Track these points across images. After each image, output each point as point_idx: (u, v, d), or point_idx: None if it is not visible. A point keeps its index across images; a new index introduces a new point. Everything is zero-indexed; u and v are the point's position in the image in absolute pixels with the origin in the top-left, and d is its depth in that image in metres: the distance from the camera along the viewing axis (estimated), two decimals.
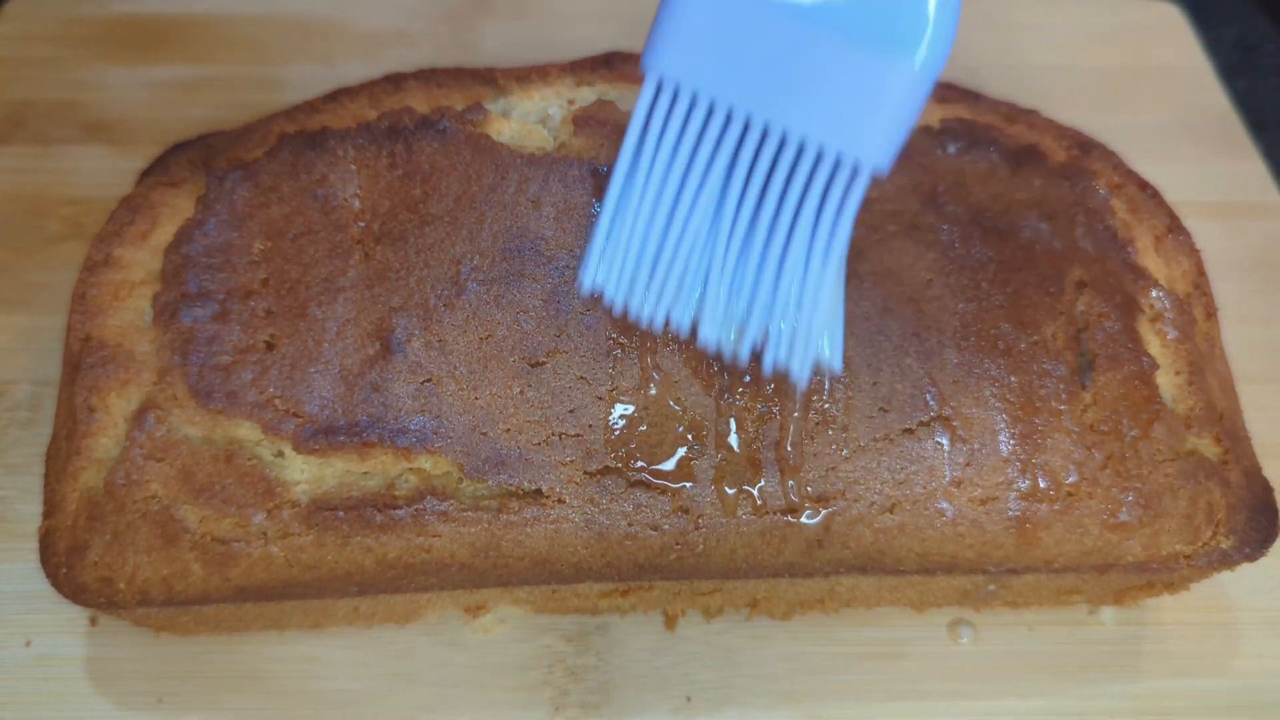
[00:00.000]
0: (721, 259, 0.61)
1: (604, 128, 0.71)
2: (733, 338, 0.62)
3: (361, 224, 0.69)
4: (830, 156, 0.58)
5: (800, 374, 0.61)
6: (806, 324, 0.60)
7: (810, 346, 0.61)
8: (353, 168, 0.70)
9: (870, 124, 0.57)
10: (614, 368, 0.66)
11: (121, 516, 0.64)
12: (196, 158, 0.75)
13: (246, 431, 0.65)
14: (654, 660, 0.75)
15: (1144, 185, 0.77)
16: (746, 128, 0.59)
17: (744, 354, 0.62)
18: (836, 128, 0.57)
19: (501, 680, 0.74)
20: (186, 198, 0.72)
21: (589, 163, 0.70)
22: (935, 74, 0.57)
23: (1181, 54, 1.15)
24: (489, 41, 1.12)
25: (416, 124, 0.70)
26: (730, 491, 0.65)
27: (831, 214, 0.58)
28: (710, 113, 0.59)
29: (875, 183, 0.70)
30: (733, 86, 0.58)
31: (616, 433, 0.65)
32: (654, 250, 0.62)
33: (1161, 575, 0.71)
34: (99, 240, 0.72)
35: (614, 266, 0.63)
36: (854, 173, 0.58)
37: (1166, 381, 0.70)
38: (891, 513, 0.66)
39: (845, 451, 0.66)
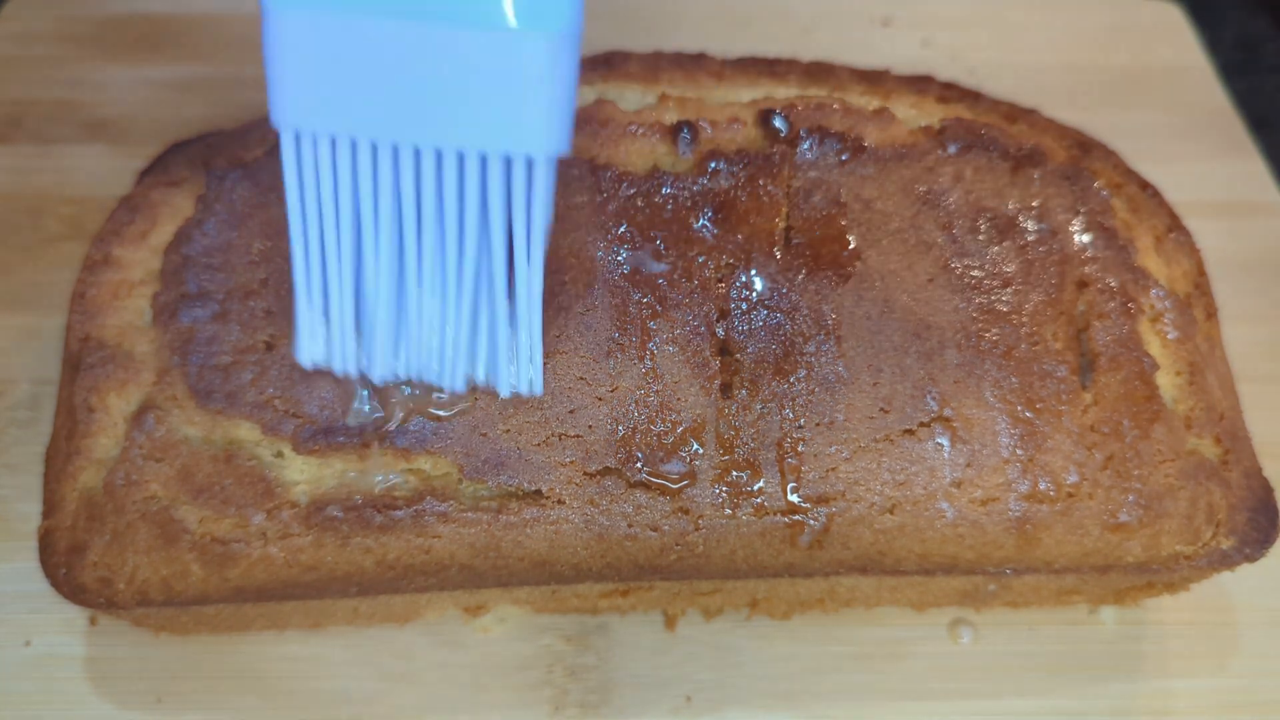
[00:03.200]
0: (426, 294, 0.58)
1: (605, 127, 0.71)
2: (451, 369, 0.60)
3: None
4: (498, 159, 0.54)
5: (506, 389, 0.60)
6: (520, 336, 0.59)
7: (520, 360, 0.59)
8: None
9: (524, 112, 0.52)
10: (614, 368, 0.66)
11: (121, 517, 0.64)
12: (196, 157, 0.75)
13: (246, 432, 0.65)
14: (654, 660, 0.75)
15: (1144, 185, 0.77)
16: (408, 155, 0.55)
17: (459, 383, 0.60)
18: (490, 129, 0.53)
19: (501, 680, 0.74)
20: (186, 197, 0.72)
21: (589, 162, 0.69)
22: (574, 32, 0.52)
23: (1181, 54, 1.15)
24: None
25: None
26: (730, 492, 0.65)
27: (522, 221, 0.55)
28: (361, 150, 0.55)
29: (875, 182, 0.71)
30: (368, 118, 0.54)
31: (616, 433, 0.65)
32: (357, 307, 0.59)
33: (1162, 576, 0.71)
34: (98, 240, 0.71)
35: (326, 336, 0.60)
36: (530, 167, 0.54)
37: (1167, 382, 0.70)
38: (892, 513, 0.66)
39: (845, 452, 0.66)
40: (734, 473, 0.65)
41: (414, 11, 0.51)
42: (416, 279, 0.58)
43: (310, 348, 0.61)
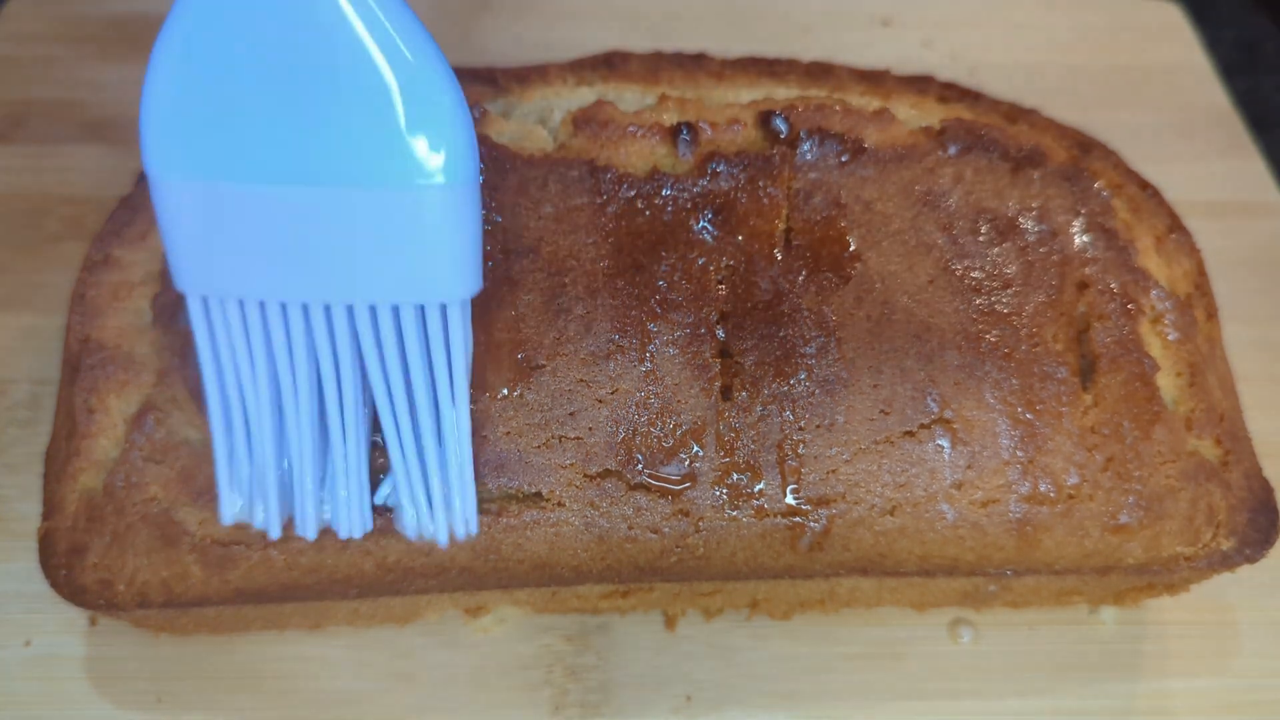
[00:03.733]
0: (350, 446, 0.58)
1: (605, 128, 0.71)
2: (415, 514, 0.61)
3: None
4: (411, 308, 0.54)
5: (445, 537, 0.61)
6: (452, 479, 0.60)
7: (459, 502, 0.60)
8: None
9: (433, 262, 0.52)
10: (614, 370, 0.66)
11: (121, 518, 0.64)
12: None
13: None
14: (654, 660, 0.75)
15: (1144, 185, 0.77)
16: (319, 312, 0.54)
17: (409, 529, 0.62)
18: (399, 282, 0.52)
19: (501, 680, 0.74)
20: None
21: (589, 163, 0.69)
22: (470, 178, 0.51)
23: (1181, 54, 1.15)
24: (489, 41, 1.12)
25: None
26: (730, 494, 0.65)
27: (443, 363, 0.56)
28: (271, 311, 0.54)
29: (876, 183, 0.70)
30: (273, 281, 0.52)
31: (616, 436, 0.65)
32: (280, 463, 0.58)
33: (1162, 577, 0.71)
34: (98, 240, 0.71)
35: (250, 491, 0.60)
36: (444, 311, 0.54)
37: (1167, 383, 0.70)
38: (892, 515, 0.66)
39: (846, 454, 0.66)
40: (734, 475, 0.65)
41: (307, 176, 0.50)
42: (340, 432, 0.58)
43: (231, 508, 0.61)
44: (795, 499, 0.65)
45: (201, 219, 0.52)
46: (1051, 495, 0.66)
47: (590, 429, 0.65)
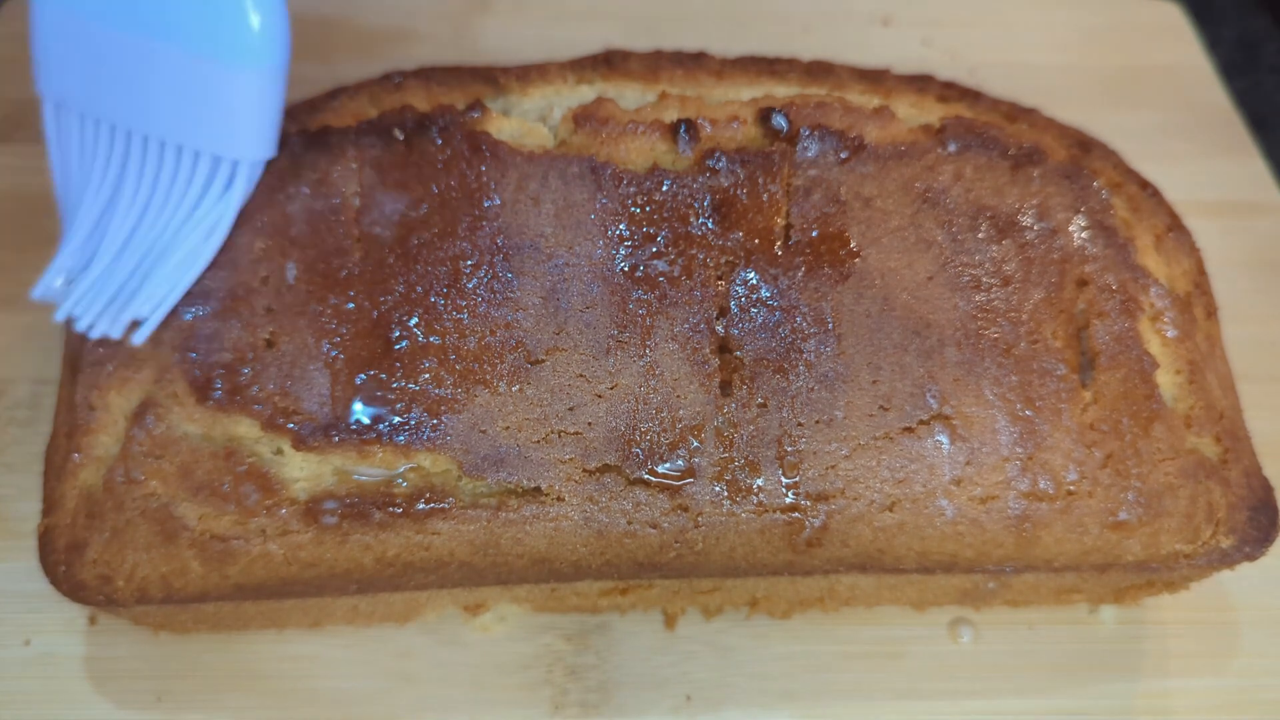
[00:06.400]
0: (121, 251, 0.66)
1: (605, 125, 0.71)
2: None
3: (362, 222, 0.69)
4: (209, 156, 0.64)
5: (112, 329, 0.66)
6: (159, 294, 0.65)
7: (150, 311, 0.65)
8: (353, 166, 0.69)
9: (233, 125, 0.63)
10: (613, 365, 0.66)
11: (120, 514, 0.64)
12: None
13: (246, 429, 0.65)
14: (654, 659, 0.75)
15: (1144, 184, 0.77)
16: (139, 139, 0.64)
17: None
18: (204, 133, 0.63)
19: (501, 679, 0.74)
20: None
21: (589, 160, 0.69)
22: (277, 70, 0.62)
23: (1181, 53, 1.15)
24: (489, 40, 1.12)
25: (417, 122, 0.70)
26: (730, 490, 0.65)
27: (212, 207, 0.65)
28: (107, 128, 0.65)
29: (875, 180, 0.70)
30: (110, 104, 0.64)
31: (616, 431, 0.65)
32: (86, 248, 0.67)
33: (1161, 574, 0.71)
34: None
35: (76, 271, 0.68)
36: (235, 168, 0.64)
37: (1167, 380, 0.70)
38: (891, 511, 0.66)
39: (845, 450, 0.66)
40: (733, 470, 0.65)
41: (151, 31, 0.61)
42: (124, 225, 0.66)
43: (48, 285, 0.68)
44: (794, 495, 0.65)
45: (69, 43, 0.64)
46: (1050, 492, 0.66)
47: (589, 424, 0.65)
